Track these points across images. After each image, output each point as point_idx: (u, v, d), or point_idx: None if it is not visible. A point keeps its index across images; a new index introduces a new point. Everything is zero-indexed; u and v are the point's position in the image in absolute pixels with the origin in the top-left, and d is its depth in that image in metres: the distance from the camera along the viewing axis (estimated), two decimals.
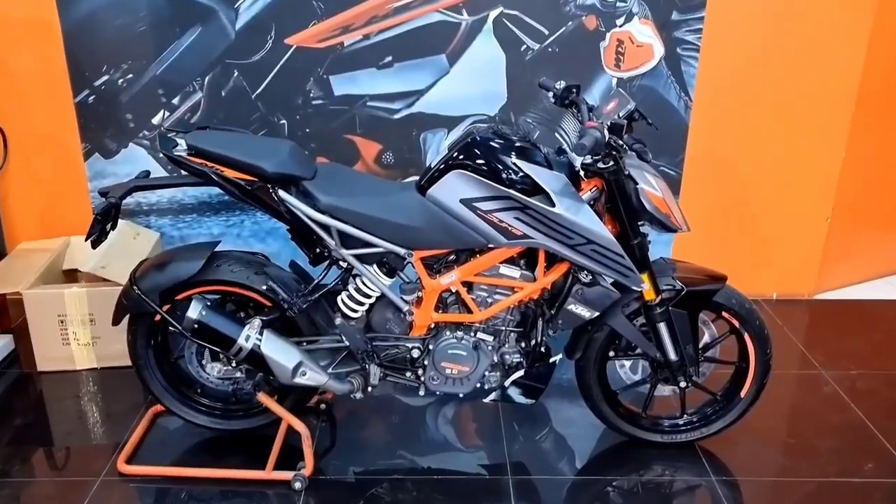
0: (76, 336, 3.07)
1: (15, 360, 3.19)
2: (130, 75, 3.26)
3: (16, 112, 3.35)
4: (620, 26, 3.23)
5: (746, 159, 3.54)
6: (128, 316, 2.52)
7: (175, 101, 3.31)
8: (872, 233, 3.89)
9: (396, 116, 3.35)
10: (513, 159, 2.24)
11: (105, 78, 3.26)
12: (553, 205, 2.22)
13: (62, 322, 3.05)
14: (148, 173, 2.51)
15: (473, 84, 3.30)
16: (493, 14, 3.21)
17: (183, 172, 2.35)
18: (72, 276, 3.32)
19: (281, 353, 2.40)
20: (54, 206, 3.50)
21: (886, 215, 3.87)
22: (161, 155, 2.31)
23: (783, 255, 3.70)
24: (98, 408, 2.94)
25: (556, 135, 3.37)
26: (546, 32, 3.24)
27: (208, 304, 2.41)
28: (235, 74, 3.27)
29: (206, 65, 3.25)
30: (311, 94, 3.31)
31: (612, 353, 2.59)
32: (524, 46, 3.26)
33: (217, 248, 2.50)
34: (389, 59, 3.26)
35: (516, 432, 2.79)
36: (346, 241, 2.35)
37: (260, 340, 2.39)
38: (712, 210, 3.58)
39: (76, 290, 3.03)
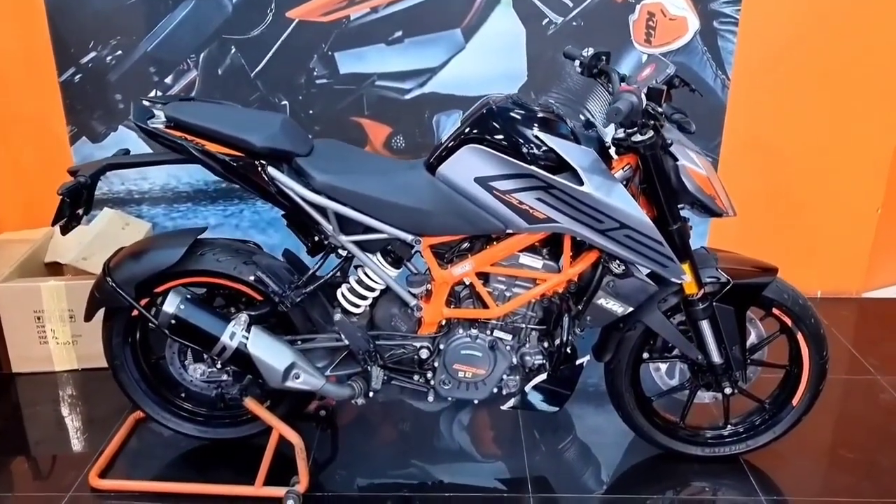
0: (54, 334, 2.82)
1: None
2: (119, 52, 3.02)
3: None
4: None
5: (789, 144, 3.25)
6: (103, 311, 2.26)
7: (168, 80, 3.07)
8: None
9: (407, 97, 3.10)
10: (535, 132, 1.96)
11: (92, 55, 3.02)
12: (581, 183, 1.93)
13: (39, 318, 2.80)
14: (127, 151, 2.26)
15: (491, 61, 3.04)
16: None
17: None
18: (56, 270, 3.07)
19: (271, 352, 2.12)
20: (39, 193, 3.24)
21: None
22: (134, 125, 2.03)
23: (829, 250, 3.41)
24: (76, 414, 2.68)
25: (582, 117, 3.08)
26: (570, 4, 2.98)
27: (188, 296, 2.13)
28: (233, 51, 3.02)
29: (201, 41, 3.01)
30: (315, 73, 3.05)
31: (646, 355, 2.30)
32: (546, 20, 2.99)
33: (203, 236, 2.23)
34: (400, 34, 3.01)
35: (537, 441, 2.50)
36: (346, 225, 2.08)
37: (247, 338, 2.11)
38: (751, 199, 3.28)
39: (53, 283, 2.78)
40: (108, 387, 2.68)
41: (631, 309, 2.10)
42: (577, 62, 2.18)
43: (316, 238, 2.17)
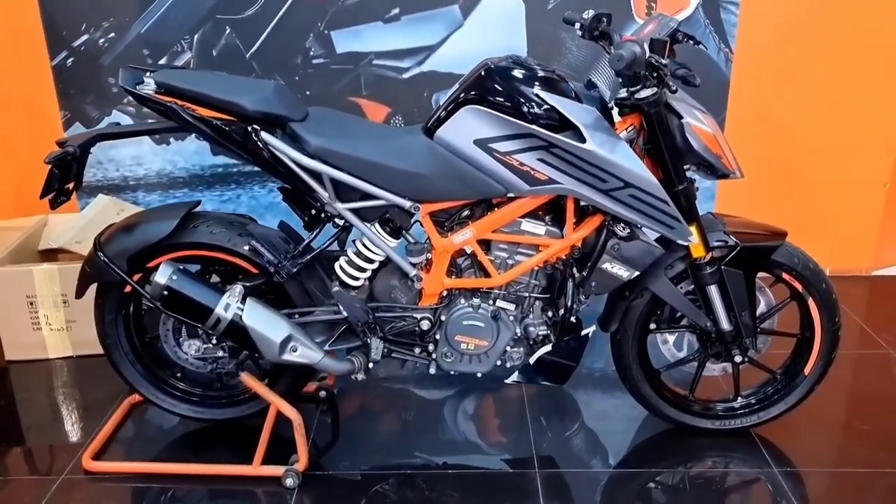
0: (48, 320, 2.76)
1: None
2: (112, 34, 2.98)
3: None
4: None
5: (795, 119, 3.20)
6: (95, 288, 2.20)
7: (162, 62, 3.01)
8: None
9: (405, 76, 3.04)
10: (535, 90, 1.90)
11: (84, 38, 2.98)
12: (583, 141, 1.87)
13: (32, 304, 2.74)
14: (118, 125, 2.20)
15: (490, 38, 2.99)
16: None
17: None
18: (50, 258, 3.01)
19: (267, 324, 2.05)
20: (31, 180, 3.17)
21: None
22: (122, 89, 1.98)
23: (837, 227, 3.34)
24: (70, 400, 2.61)
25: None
26: None
27: (181, 268, 2.07)
28: (228, 31, 2.97)
29: (195, 21, 2.96)
30: (312, 52, 3.01)
31: (653, 326, 2.23)
32: None
33: (197, 210, 2.18)
34: (397, 11, 2.96)
35: (544, 420, 2.43)
36: (342, 192, 2.02)
37: (242, 310, 2.05)
38: (757, 176, 3.19)
39: (46, 266, 2.72)
40: (102, 373, 2.62)
41: (637, 273, 2.04)
42: (577, 25, 2.12)
43: (313, 212, 2.12)
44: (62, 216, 3.04)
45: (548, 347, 2.15)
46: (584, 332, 2.16)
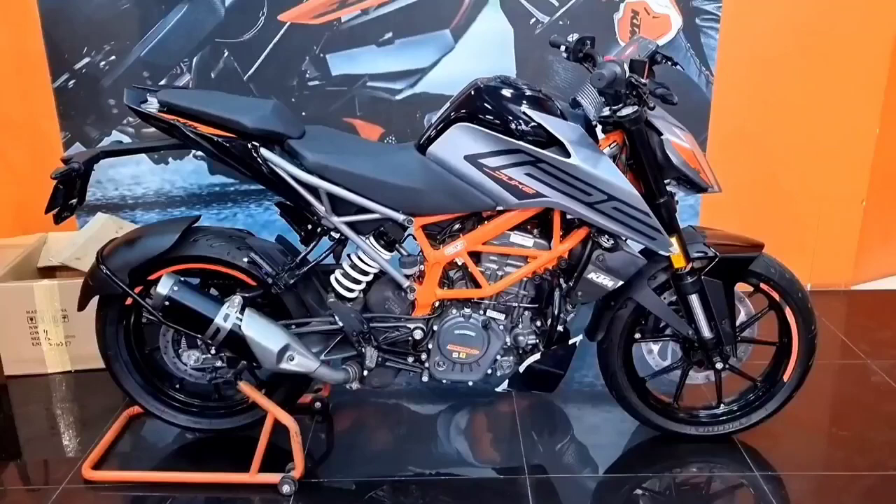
0: (47, 335, 2.81)
1: None
2: (113, 57, 3.06)
3: None
4: None
5: (774, 138, 3.29)
6: (96, 300, 2.27)
7: (162, 84, 3.09)
8: None
9: (398, 97, 3.14)
10: (523, 108, 2.00)
11: (86, 61, 3.06)
12: (568, 156, 1.96)
13: (31, 319, 2.79)
14: (119, 143, 2.28)
15: (480, 61, 3.08)
16: None
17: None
18: (49, 275, 3.07)
19: (265, 334, 2.12)
20: (32, 199, 3.24)
21: None
22: (127, 107, 2.06)
23: (816, 243, 3.43)
24: (69, 414, 2.66)
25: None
26: (556, 4, 3.03)
27: (182, 279, 2.14)
28: (225, 54, 3.06)
29: (193, 45, 3.05)
30: (307, 75, 3.09)
31: (638, 336, 2.31)
32: (533, 20, 3.05)
33: (197, 224, 2.25)
34: (390, 35, 3.06)
35: (534, 428, 2.50)
36: (338, 206, 2.10)
37: (240, 320, 2.12)
38: (738, 194, 3.32)
39: (46, 282, 2.78)
40: (101, 388, 2.70)
41: (621, 282, 2.12)
42: (562, 48, 2.22)
43: (309, 226, 2.20)
44: (61, 234, 3.10)
45: (537, 356, 2.22)
46: (571, 342, 2.23)
